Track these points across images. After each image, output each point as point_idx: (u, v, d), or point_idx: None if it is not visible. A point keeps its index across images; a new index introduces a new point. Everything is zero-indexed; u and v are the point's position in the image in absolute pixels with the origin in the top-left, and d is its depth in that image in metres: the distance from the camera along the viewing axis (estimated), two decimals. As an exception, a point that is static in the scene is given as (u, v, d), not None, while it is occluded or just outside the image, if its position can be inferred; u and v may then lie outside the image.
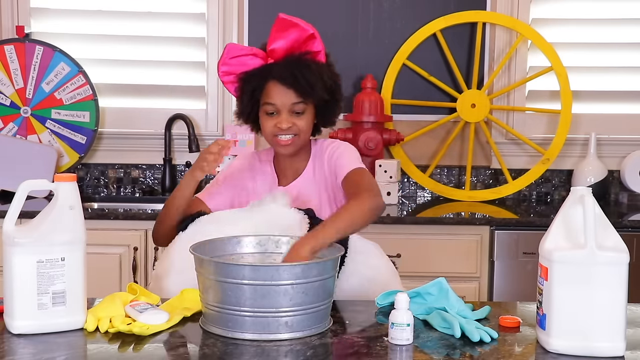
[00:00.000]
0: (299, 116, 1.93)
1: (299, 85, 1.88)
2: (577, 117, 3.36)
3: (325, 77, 1.92)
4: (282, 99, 1.91)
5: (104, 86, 3.35)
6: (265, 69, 1.92)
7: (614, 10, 3.37)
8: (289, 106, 1.91)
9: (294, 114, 1.92)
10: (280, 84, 1.90)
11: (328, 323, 1.54)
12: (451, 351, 1.41)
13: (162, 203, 3.24)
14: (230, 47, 1.96)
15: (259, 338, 1.45)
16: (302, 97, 1.90)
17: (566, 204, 1.44)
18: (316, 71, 1.89)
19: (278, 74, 1.89)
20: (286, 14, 1.92)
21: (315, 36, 1.91)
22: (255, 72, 1.93)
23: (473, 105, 3.30)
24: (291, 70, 1.88)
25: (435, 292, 1.66)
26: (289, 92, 1.90)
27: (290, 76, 1.88)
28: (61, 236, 1.47)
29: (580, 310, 1.38)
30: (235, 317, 1.46)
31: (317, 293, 1.48)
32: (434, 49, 3.36)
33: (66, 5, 3.34)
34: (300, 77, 1.87)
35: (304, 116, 1.93)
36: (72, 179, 1.51)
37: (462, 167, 3.42)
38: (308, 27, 1.91)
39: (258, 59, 1.94)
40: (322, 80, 1.90)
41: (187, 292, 1.67)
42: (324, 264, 1.50)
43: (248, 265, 1.47)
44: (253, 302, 1.44)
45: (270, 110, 1.93)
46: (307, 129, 1.95)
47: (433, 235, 2.85)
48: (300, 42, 1.91)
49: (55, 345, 1.42)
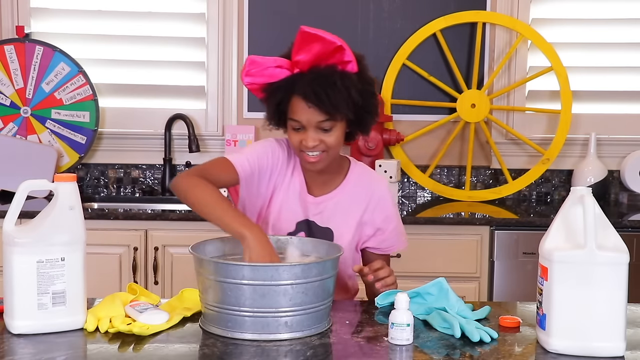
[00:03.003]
0: (327, 132, 1.77)
1: (322, 105, 1.73)
2: (577, 117, 3.36)
3: (354, 92, 1.74)
4: (307, 116, 1.75)
5: (104, 86, 3.35)
6: (289, 81, 1.77)
7: (614, 10, 3.37)
8: (315, 123, 1.76)
9: (320, 131, 1.77)
10: (305, 103, 1.74)
11: (328, 323, 1.54)
12: (451, 351, 1.41)
13: (162, 203, 3.28)
14: (252, 60, 1.79)
15: (259, 338, 1.45)
16: (329, 115, 1.75)
17: (566, 204, 1.44)
18: (342, 88, 1.73)
19: (302, 90, 1.74)
20: (309, 27, 1.74)
21: (344, 47, 1.74)
22: (280, 85, 1.78)
23: (473, 105, 3.30)
24: (314, 88, 1.72)
25: (435, 292, 1.66)
26: (314, 111, 1.74)
27: (313, 95, 1.72)
28: (61, 236, 1.48)
29: (580, 310, 1.38)
30: (235, 317, 1.46)
31: (316, 293, 1.48)
32: (434, 49, 3.36)
33: (66, 5, 3.34)
34: (324, 96, 1.71)
35: (333, 132, 1.78)
36: (72, 179, 1.51)
37: (462, 167, 3.42)
38: (334, 40, 1.73)
39: (283, 69, 1.78)
40: (348, 97, 1.74)
41: (187, 292, 1.67)
42: (323, 263, 1.51)
43: (247, 265, 1.47)
44: (252, 302, 1.44)
45: (296, 126, 1.78)
46: (336, 144, 1.80)
47: (433, 235, 2.85)
48: (326, 54, 1.74)
49: (55, 345, 1.42)
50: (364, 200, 1.90)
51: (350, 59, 1.76)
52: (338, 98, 1.72)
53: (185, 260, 2.79)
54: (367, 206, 1.90)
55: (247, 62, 1.79)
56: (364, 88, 1.78)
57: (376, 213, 1.90)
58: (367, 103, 1.80)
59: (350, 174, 1.92)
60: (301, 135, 1.78)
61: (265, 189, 1.88)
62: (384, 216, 1.91)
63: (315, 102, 1.72)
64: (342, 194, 1.90)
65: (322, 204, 1.89)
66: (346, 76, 1.75)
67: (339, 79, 1.73)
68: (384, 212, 1.91)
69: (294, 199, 1.88)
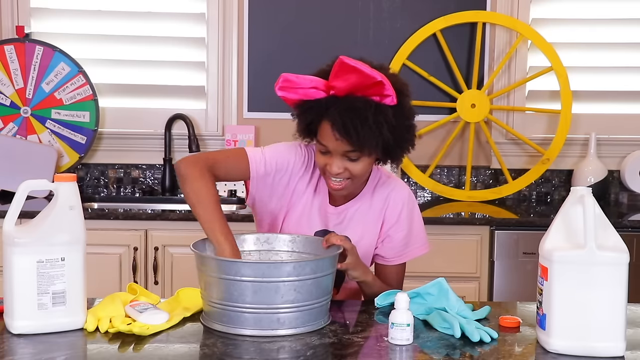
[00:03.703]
0: (354, 162, 1.72)
1: (350, 139, 1.67)
2: (577, 117, 3.36)
3: (386, 128, 1.67)
4: (334, 145, 1.70)
5: (104, 86, 3.35)
6: (322, 104, 1.71)
7: (614, 10, 3.37)
8: (342, 152, 1.71)
9: (347, 159, 1.72)
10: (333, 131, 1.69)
11: (327, 320, 1.55)
12: (451, 351, 1.41)
13: (162, 203, 3.28)
14: (285, 78, 1.72)
15: (259, 334, 1.46)
16: (356, 148, 1.69)
17: (566, 204, 1.44)
18: (373, 124, 1.66)
19: (332, 118, 1.68)
20: (348, 57, 1.64)
21: (384, 83, 1.65)
22: (312, 105, 1.72)
23: (473, 105, 3.30)
24: (344, 120, 1.66)
25: (435, 292, 1.66)
26: (342, 142, 1.68)
27: (342, 127, 1.66)
28: (61, 236, 1.47)
29: (580, 310, 1.38)
30: (236, 313, 1.47)
31: (310, 290, 1.49)
32: (434, 49, 3.36)
33: (66, 5, 3.34)
34: (353, 131, 1.65)
35: (359, 162, 1.72)
36: (72, 179, 1.51)
37: (462, 167, 3.42)
38: (373, 74, 1.64)
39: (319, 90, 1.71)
40: (379, 134, 1.67)
41: (183, 292, 1.68)
42: (321, 261, 1.52)
43: (247, 262, 1.49)
44: (252, 299, 1.46)
45: (323, 150, 1.73)
46: (362, 173, 1.75)
47: (433, 235, 2.81)
48: (364, 86, 1.67)
49: (55, 345, 1.42)
50: (382, 208, 1.86)
51: (390, 94, 1.68)
52: (367, 134, 1.66)
53: (185, 260, 2.79)
54: (385, 214, 1.86)
55: (280, 80, 1.72)
56: (398, 123, 1.70)
57: (390, 220, 1.86)
58: (399, 139, 1.73)
59: (370, 182, 1.87)
60: (327, 159, 1.73)
61: (281, 193, 1.84)
62: (394, 222, 1.87)
63: (343, 135, 1.67)
64: (361, 202, 1.86)
65: (342, 213, 1.86)
66: (381, 111, 1.67)
67: (372, 114, 1.66)
68: (394, 218, 1.86)
69: (315, 211, 1.85)
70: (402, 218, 1.86)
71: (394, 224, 1.86)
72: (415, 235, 1.90)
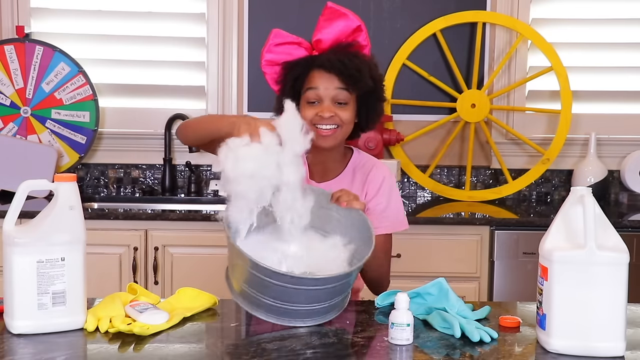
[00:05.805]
0: (342, 107, 1.84)
1: (345, 70, 1.81)
2: (577, 117, 3.36)
3: (372, 68, 1.86)
4: (326, 84, 1.83)
5: (104, 86, 3.35)
6: (309, 58, 1.87)
7: (614, 10, 3.37)
8: (333, 94, 1.83)
9: (336, 105, 1.84)
10: (325, 71, 1.83)
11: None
12: (451, 351, 1.41)
13: (162, 203, 3.29)
14: (276, 32, 1.88)
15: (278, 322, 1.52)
16: (347, 83, 1.83)
17: (566, 204, 1.44)
18: (360, 61, 1.83)
19: (323, 61, 1.83)
20: (335, 3, 1.86)
21: (362, 29, 1.86)
22: (299, 61, 1.87)
23: (473, 105, 3.30)
24: (337, 57, 1.82)
25: (435, 292, 1.66)
26: (333, 78, 1.82)
27: (336, 61, 1.81)
28: (61, 236, 1.47)
29: (580, 310, 1.38)
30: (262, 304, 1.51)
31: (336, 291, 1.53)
32: (434, 49, 3.36)
33: (66, 5, 3.34)
34: (348, 61, 1.81)
35: (347, 107, 1.85)
36: (72, 179, 1.51)
37: (462, 167, 3.42)
38: (356, 19, 1.85)
39: (303, 49, 1.87)
40: (368, 69, 1.84)
41: (184, 292, 1.67)
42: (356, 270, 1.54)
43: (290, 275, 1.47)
44: (276, 297, 1.48)
45: (312, 98, 1.84)
46: (349, 122, 1.86)
47: (433, 235, 2.85)
48: (347, 33, 1.85)
49: (55, 345, 1.42)
50: (363, 184, 1.93)
51: (366, 44, 1.87)
52: (360, 65, 1.82)
53: (185, 260, 2.79)
54: (366, 189, 1.92)
55: (271, 35, 1.87)
56: (376, 75, 1.87)
57: (370, 193, 1.92)
58: (378, 88, 1.89)
59: (350, 163, 1.96)
60: (317, 108, 1.84)
61: None
62: (373, 194, 1.92)
63: (337, 68, 1.80)
64: (341, 183, 1.93)
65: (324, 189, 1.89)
66: (364, 55, 1.86)
67: (358, 54, 1.84)
68: (374, 191, 1.92)
69: None
70: (382, 192, 1.93)
71: (373, 196, 1.92)
72: (395, 210, 1.95)
